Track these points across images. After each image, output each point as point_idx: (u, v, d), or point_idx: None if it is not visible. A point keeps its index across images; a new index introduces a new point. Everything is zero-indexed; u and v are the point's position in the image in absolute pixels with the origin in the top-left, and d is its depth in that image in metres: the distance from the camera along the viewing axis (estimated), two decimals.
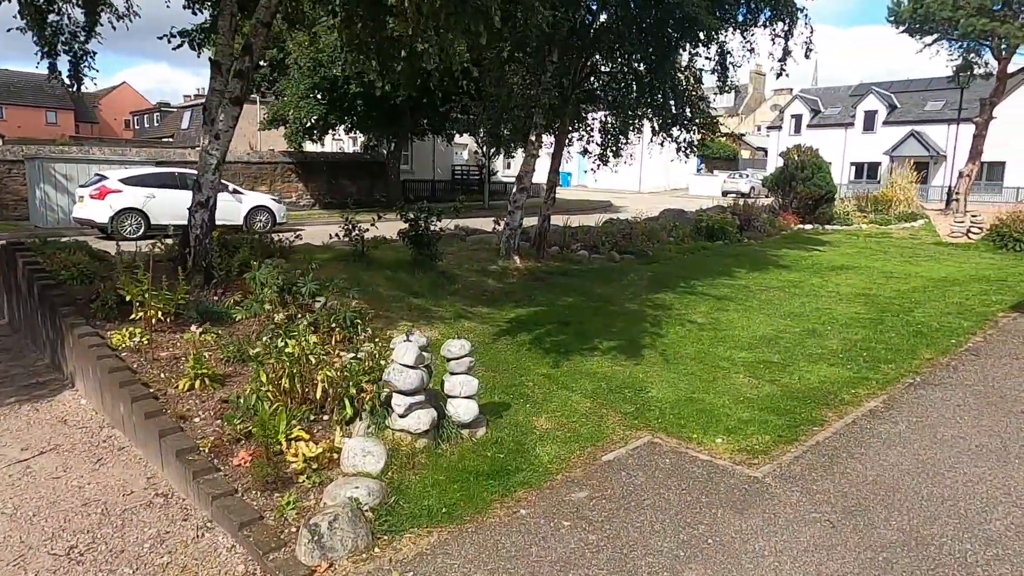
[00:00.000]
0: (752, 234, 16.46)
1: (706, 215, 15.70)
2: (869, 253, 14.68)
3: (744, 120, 71.92)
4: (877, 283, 10.92)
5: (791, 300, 9.30)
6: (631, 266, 11.74)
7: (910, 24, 21.49)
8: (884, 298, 9.60)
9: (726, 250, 14.25)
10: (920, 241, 17.10)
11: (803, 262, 13.00)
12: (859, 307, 8.94)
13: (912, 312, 8.61)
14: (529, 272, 10.34)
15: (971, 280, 11.36)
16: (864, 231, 18.55)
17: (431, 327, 6.72)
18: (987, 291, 10.28)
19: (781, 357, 6.45)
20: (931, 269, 12.59)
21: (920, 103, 41.86)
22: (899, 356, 6.43)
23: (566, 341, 6.86)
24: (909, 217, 19.72)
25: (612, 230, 13.46)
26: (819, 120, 45.85)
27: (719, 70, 11.75)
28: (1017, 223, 15.38)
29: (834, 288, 10.36)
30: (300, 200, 28.01)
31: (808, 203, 18.21)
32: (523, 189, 10.42)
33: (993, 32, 18.25)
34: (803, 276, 11.39)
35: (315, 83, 20.80)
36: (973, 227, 16.97)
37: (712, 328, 7.65)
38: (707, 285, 10.23)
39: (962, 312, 8.62)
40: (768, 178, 19.39)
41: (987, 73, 21.39)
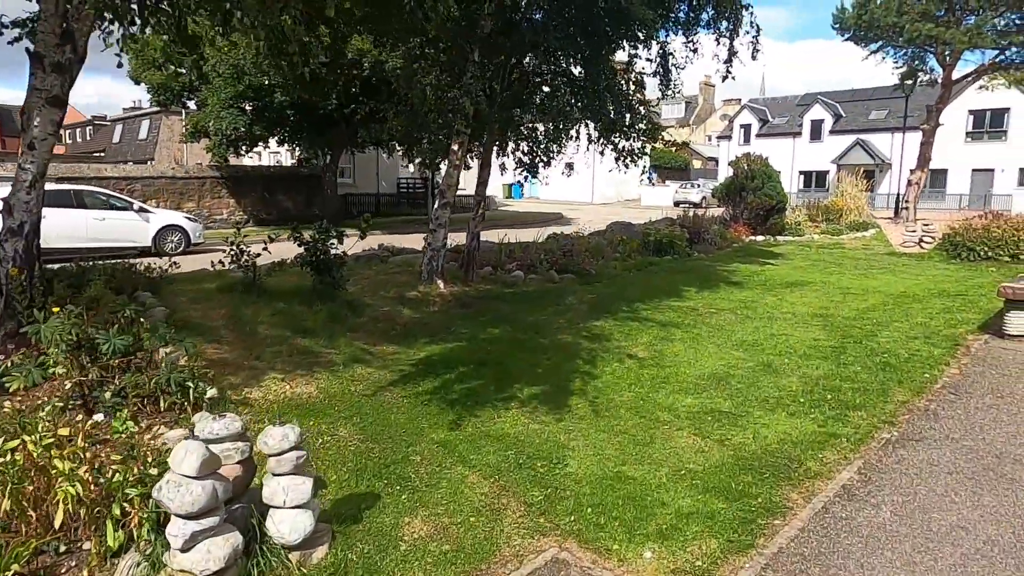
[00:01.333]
0: (702, 248, 15.62)
1: (654, 229, 14.79)
2: (823, 266, 13.95)
3: (695, 130, 72.52)
4: (834, 301, 10.07)
5: (744, 325, 8.33)
6: (571, 287, 10.66)
7: (855, 31, 21.17)
8: (844, 319, 8.71)
9: (675, 266, 13.32)
10: (873, 251, 16.53)
11: (756, 278, 12.14)
12: (818, 331, 8.01)
13: (876, 337, 7.71)
14: (454, 298, 9.15)
15: (931, 295, 10.63)
16: (816, 242, 17.95)
17: (310, 378, 5.47)
18: (950, 308, 9.52)
19: (732, 403, 5.39)
20: (888, 283, 11.86)
21: (865, 112, 42.37)
22: (869, 399, 5.44)
23: (479, 388, 5.68)
24: (861, 226, 19.25)
25: (552, 247, 12.38)
26: (767, 129, 46.06)
27: (661, 73, 10.85)
28: (969, 232, 14.89)
29: (789, 308, 9.45)
30: (232, 217, 26.27)
31: (759, 213, 17.52)
32: (446, 204, 9.24)
33: (938, 38, 17.97)
34: (756, 295, 10.48)
35: (239, 92, 19.30)
36: (925, 236, 16.49)
37: (654, 364, 6.58)
38: (652, 308, 9.20)
39: (929, 336, 7.75)
40: (718, 188, 18.69)
41: (931, 80, 21.22)
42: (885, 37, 20.16)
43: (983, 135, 37.43)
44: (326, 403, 5.00)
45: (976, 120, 37.45)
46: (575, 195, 47.27)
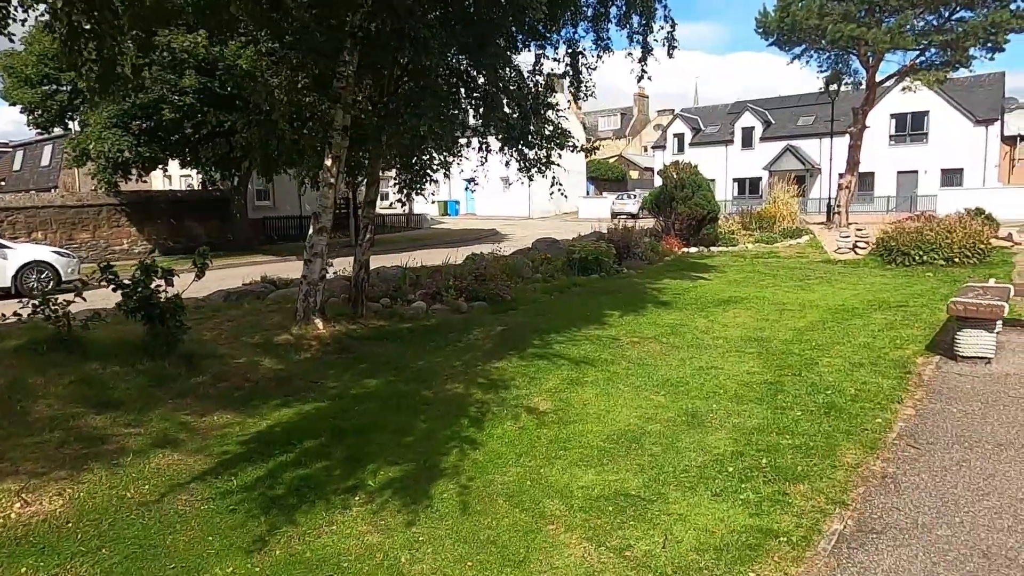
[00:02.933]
0: (632, 263, 14.62)
1: (579, 245, 13.69)
2: (758, 278, 13.10)
3: (631, 141, 72.90)
4: (770, 320, 9.10)
5: (669, 357, 7.19)
6: (480, 318, 9.38)
7: (778, 35, 20.82)
8: (780, 343, 7.70)
9: (601, 286, 12.21)
10: (808, 260, 15.87)
11: (687, 296, 11.12)
12: (752, 361, 6.94)
13: (816, 365, 6.68)
14: (334, 341, 7.73)
15: (871, 308, 9.80)
16: (751, 251, 17.23)
17: (70, 481, 3.98)
18: (892, 323, 8.65)
19: (643, 480, 4.17)
20: (826, 295, 11.03)
21: (793, 118, 42.87)
22: (813, 462, 4.31)
23: (319, 475, 4.31)
24: (794, 233, 18.69)
25: (463, 271, 11.09)
26: (700, 138, 46.19)
27: (571, 73, 9.78)
28: (902, 236, 14.35)
29: (721, 332, 8.40)
30: (134, 247, 24.15)
31: (691, 224, 16.69)
32: (322, 230, 7.83)
33: (860, 39, 17.64)
34: (686, 317, 9.42)
35: (124, 110, 17.42)
36: (859, 242, 15.95)
37: (557, 420, 5.33)
38: (568, 340, 8.00)
39: (876, 361, 6.77)
40: (647, 199, 17.82)
41: (855, 82, 21.02)
42: (808, 40, 19.83)
43: (906, 138, 38.22)
44: (72, 526, 3.53)
45: (898, 123, 38.23)
46: (513, 210, 46.33)
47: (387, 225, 34.88)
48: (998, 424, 4.92)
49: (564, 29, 9.67)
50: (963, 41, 18.01)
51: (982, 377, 6.13)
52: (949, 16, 18.38)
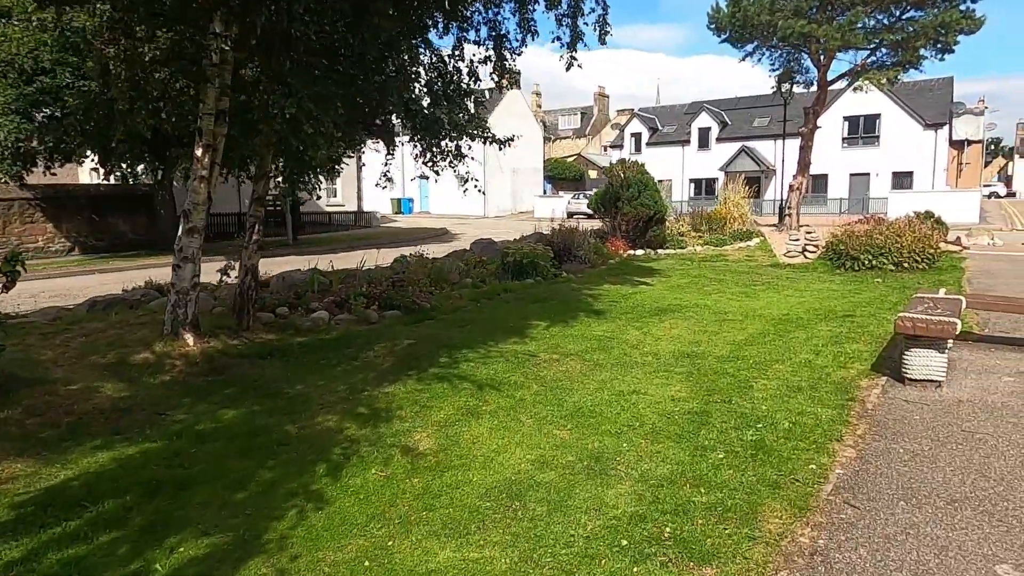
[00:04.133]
0: (573, 267, 13.77)
1: (514, 248, 12.78)
2: (703, 283, 12.38)
3: (591, 141, 72.54)
4: (708, 332, 8.32)
5: (588, 379, 6.31)
6: (389, 329, 8.39)
7: (731, 31, 20.26)
8: (715, 360, 6.89)
9: (534, 292, 11.32)
10: (757, 263, 15.26)
11: (624, 303, 10.30)
12: (680, 384, 6.10)
13: (750, 390, 5.88)
14: (204, 359, 6.65)
15: (816, 318, 9.11)
16: (699, 254, 16.58)
17: None
18: (838, 336, 7.95)
19: (512, 561, 3.25)
20: (771, 303, 10.34)
21: (749, 120, 42.84)
22: (728, 532, 3.45)
23: (93, 558, 3.29)
24: (744, 236, 18.14)
25: (379, 276, 10.08)
26: (658, 138, 45.89)
27: (494, 58, 8.87)
28: (852, 240, 13.83)
29: (653, 347, 7.57)
30: (50, 245, 22.47)
31: (637, 225, 15.95)
32: (192, 230, 6.72)
33: (811, 35, 17.15)
34: (618, 328, 8.58)
35: (24, 95, 15.87)
36: (809, 245, 15.41)
37: (433, 466, 4.39)
38: (479, 358, 7.07)
39: (816, 384, 6.00)
40: (593, 199, 17.02)
41: (807, 82, 20.61)
42: (759, 37, 19.31)
43: (858, 140, 38.44)
44: None
45: (851, 126, 38.43)
46: (468, 208, 45.30)
47: (333, 223, 33.51)
48: (951, 470, 4.14)
49: (489, 9, 8.78)
50: (914, 41, 17.69)
51: (932, 405, 5.39)
52: (900, 15, 18.05)
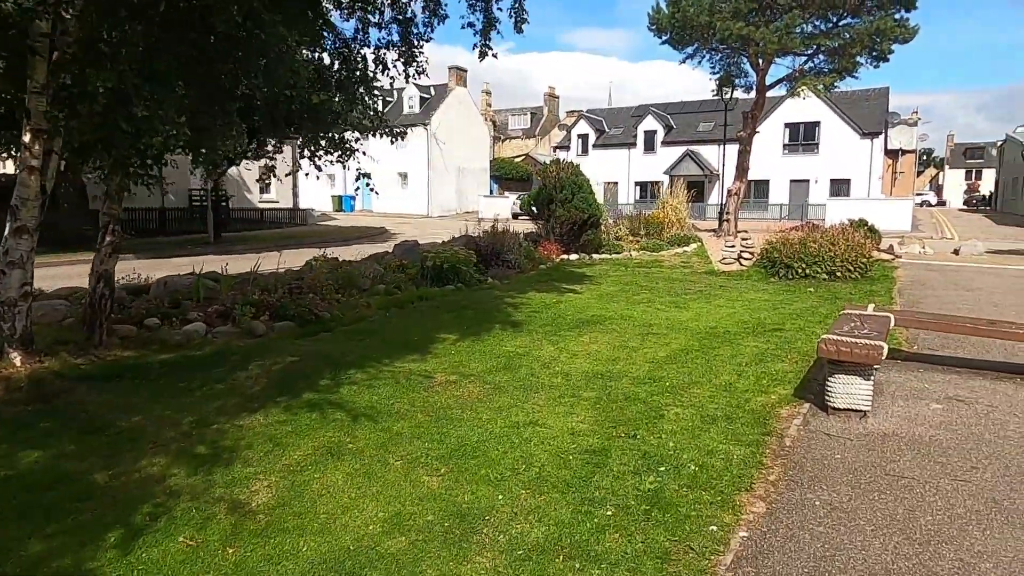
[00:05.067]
0: (500, 272, 13.04)
1: (434, 252, 11.94)
2: (633, 292, 11.81)
3: (540, 141, 72.16)
4: (629, 347, 7.68)
5: (483, 407, 5.55)
6: (275, 344, 7.47)
7: (671, 33, 19.89)
8: (629, 384, 6.24)
9: (451, 300, 10.52)
10: (692, 270, 14.83)
11: (545, 314, 9.61)
12: (585, 413, 5.40)
13: (660, 420, 5.22)
14: (32, 383, 5.62)
15: (744, 331, 8.59)
16: (634, 259, 16.08)
17: None
18: (763, 353, 7.41)
19: None
20: (700, 314, 9.81)
21: (694, 124, 43.02)
22: None
23: None
24: (682, 241, 17.76)
25: (276, 282, 9.12)
26: (604, 140, 45.70)
27: (401, 45, 8.05)
28: (786, 248, 13.50)
29: (566, 365, 6.88)
30: None
31: (571, 228, 15.33)
32: (21, 229, 5.68)
33: (749, 37, 16.88)
34: (532, 342, 7.87)
35: None
36: (744, 252, 15.08)
37: (258, 531, 3.55)
38: (366, 380, 6.23)
39: (733, 413, 5.38)
40: (525, 200, 16.33)
41: (748, 85, 20.42)
42: (700, 39, 18.99)
43: (798, 147, 38.96)
44: None
45: (792, 133, 38.92)
46: (412, 207, 44.24)
47: (265, 221, 31.96)
48: (871, 531, 3.53)
49: None
50: (850, 48, 17.64)
51: (855, 440, 4.82)
52: (837, 22, 17.99)
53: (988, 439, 4.85)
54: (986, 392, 5.98)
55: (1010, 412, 5.43)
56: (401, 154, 44.25)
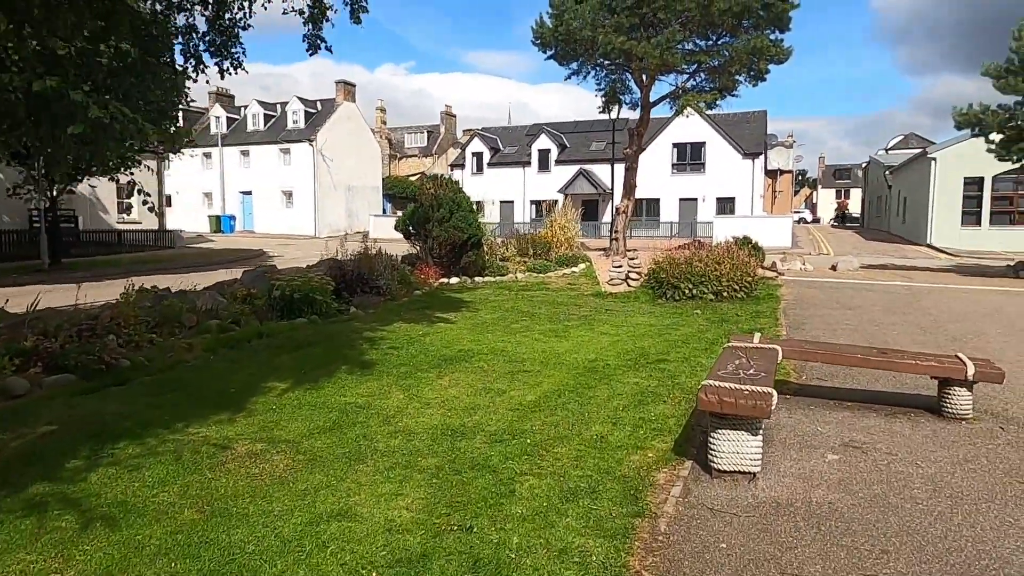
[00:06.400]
0: (368, 299, 11.66)
1: (284, 278, 10.42)
2: (513, 319, 10.77)
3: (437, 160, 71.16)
4: (492, 391, 6.55)
5: (277, 496, 4.21)
6: (36, 407, 5.78)
7: (556, 48, 19.34)
8: (482, 444, 5.09)
9: (300, 336, 9.05)
10: (578, 292, 14.04)
11: (406, 350, 8.35)
12: (414, 495, 4.18)
13: (508, 501, 4.08)
14: None
15: (626, 364, 7.70)
16: (519, 282, 15.14)
17: None
18: (644, 393, 6.49)
19: None
20: (581, 344, 8.87)
21: (587, 143, 43.33)
22: None
23: None
24: (571, 261, 17.04)
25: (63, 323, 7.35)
26: (499, 158, 45.19)
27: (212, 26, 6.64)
28: (673, 268, 12.96)
29: (412, 420, 5.64)
30: None
31: (451, 250, 14.19)
32: None
33: (631, 52, 16.52)
34: (380, 389, 6.59)
35: None
36: (632, 272, 14.47)
37: None
38: (138, 455, 4.73)
39: (598, 484, 4.33)
40: (400, 220, 15.05)
41: (633, 102, 20.20)
42: (583, 53, 18.53)
43: (686, 167, 39.96)
44: None
45: (679, 152, 39.89)
46: (298, 227, 41.77)
47: (124, 243, 28.78)
48: None
49: None
50: (729, 66, 17.70)
51: (744, 516, 3.88)
52: (716, 40, 18.05)
53: (894, 503, 4.04)
54: (883, 434, 5.27)
55: (911, 461, 4.70)
56: (286, 171, 41.83)
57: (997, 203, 30.91)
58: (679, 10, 16.21)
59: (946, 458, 4.76)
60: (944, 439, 5.15)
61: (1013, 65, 16.46)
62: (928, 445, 5.02)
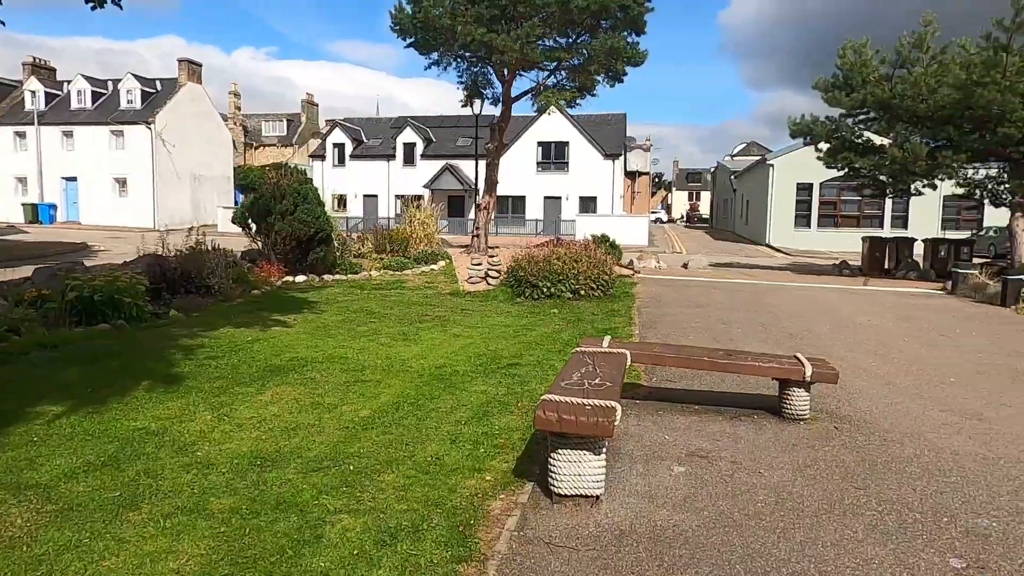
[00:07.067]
0: (194, 300, 10.32)
1: (84, 277, 8.89)
2: (361, 321, 9.94)
3: (298, 150, 67.73)
4: (322, 407, 5.77)
5: (2, 565, 3.22)
6: None
7: (415, 35, 18.55)
8: (295, 472, 4.33)
9: (97, 345, 7.69)
10: (436, 291, 13.42)
11: (227, 359, 7.30)
12: (192, 550, 3.36)
13: (310, 552, 3.38)
14: None
15: (476, 369, 7.19)
16: (374, 280, 14.26)
17: None
18: (491, 402, 5.99)
19: None
20: (431, 348, 8.26)
21: (453, 138, 42.77)
22: None
23: None
24: (430, 258, 16.36)
25: None
26: (363, 151, 43.49)
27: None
28: (532, 265, 12.69)
29: (213, 449, 4.74)
30: None
31: (297, 245, 13.02)
32: None
33: (491, 45, 16.12)
34: (183, 409, 5.58)
35: None
36: (491, 270, 14.07)
37: None
38: None
39: (422, 520, 3.73)
40: (238, 212, 13.64)
41: (495, 97, 19.86)
42: (443, 43, 17.89)
43: (551, 165, 40.54)
44: None
45: (544, 151, 40.39)
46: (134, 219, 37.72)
47: None
48: None
49: None
50: (588, 65, 17.83)
51: (583, 547, 3.44)
52: (576, 38, 18.13)
53: (738, 520, 3.78)
54: (728, 439, 5.11)
55: (755, 470, 4.53)
56: (119, 155, 37.62)
57: (824, 207, 34.07)
58: (539, 5, 16.03)
59: (787, 464, 4.65)
60: (785, 442, 5.08)
61: (838, 80, 17.89)
62: (770, 450, 4.91)
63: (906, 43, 16.69)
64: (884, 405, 6.17)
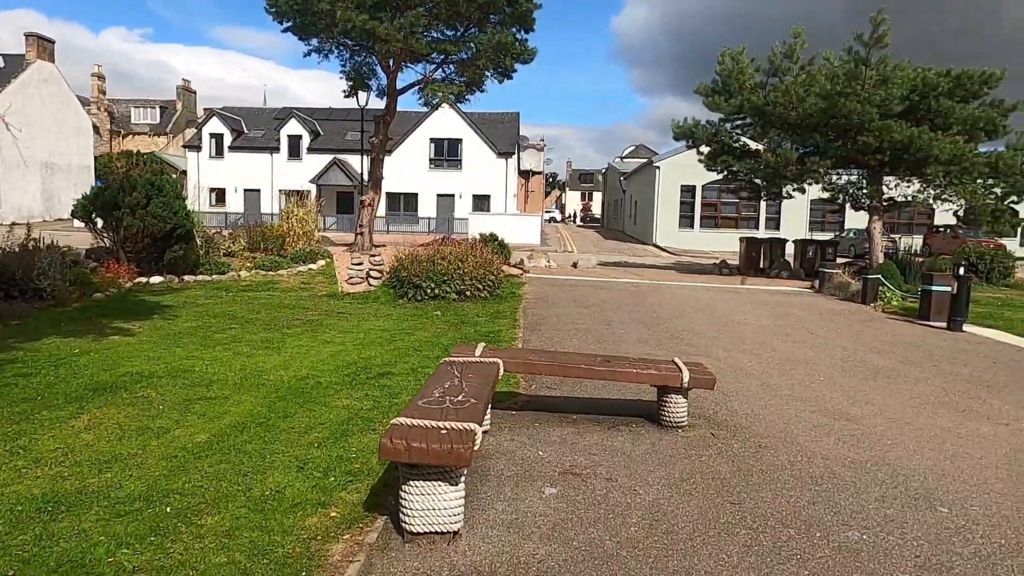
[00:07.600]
0: (16, 307, 8.92)
1: None
2: (220, 327, 8.98)
3: (173, 140, 63.19)
4: (150, 432, 4.95)
5: None
6: None
7: (293, 19, 17.38)
8: (95, 519, 3.57)
9: None
10: (312, 293, 12.52)
11: (43, 377, 6.23)
12: None
13: None
14: None
15: (343, 381, 6.55)
16: (243, 281, 13.13)
17: None
18: (353, 419, 5.40)
19: None
20: (296, 356, 7.51)
21: (342, 131, 41.14)
22: None
23: None
24: (309, 257, 15.33)
25: None
26: (243, 142, 40.94)
27: None
28: (415, 266, 12.10)
29: None
30: None
31: (152, 243, 11.70)
32: None
33: (373, 33, 15.33)
34: None
35: None
36: (373, 270, 13.34)
37: None
38: None
39: (246, 572, 3.11)
40: (79, 204, 12.10)
41: (380, 88, 19.00)
42: (324, 29, 16.86)
43: (444, 163, 39.88)
44: None
45: (437, 148, 39.68)
46: None
47: None
48: None
49: None
50: (476, 60, 17.42)
51: None
52: (464, 31, 17.67)
53: (610, 550, 3.43)
54: (604, 453, 4.81)
55: (630, 487, 4.22)
56: None
57: (706, 208, 35.61)
58: None
59: (664, 479, 4.38)
60: (662, 454, 4.83)
61: (718, 86, 18.51)
62: (647, 463, 4.64)
63: (779, 53, 17.49)
64: (759, 407, 6.12)
